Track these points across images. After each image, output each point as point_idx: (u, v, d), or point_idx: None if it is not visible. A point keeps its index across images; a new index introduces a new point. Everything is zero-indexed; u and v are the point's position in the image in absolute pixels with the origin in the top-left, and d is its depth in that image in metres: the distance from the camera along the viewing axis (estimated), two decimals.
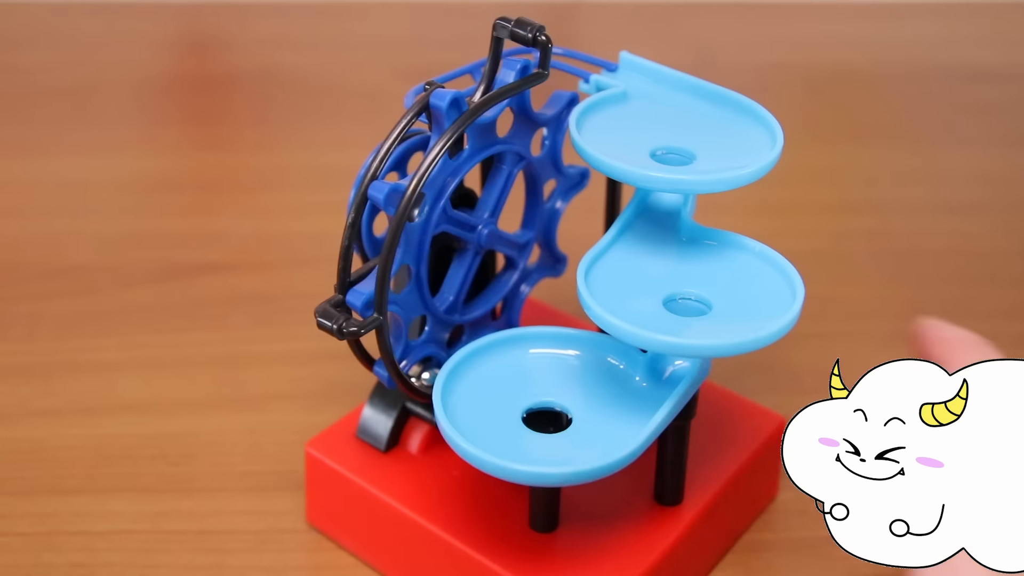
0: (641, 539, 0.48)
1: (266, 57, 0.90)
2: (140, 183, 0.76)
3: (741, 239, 0.47)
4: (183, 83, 0.89)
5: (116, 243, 0.70)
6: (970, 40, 0.95)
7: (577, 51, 0.51)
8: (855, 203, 0.76)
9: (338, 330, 0.45)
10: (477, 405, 0.46)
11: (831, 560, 0.52)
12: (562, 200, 0.53)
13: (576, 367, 0.48)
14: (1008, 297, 0.67)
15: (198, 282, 0.67)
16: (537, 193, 0.52)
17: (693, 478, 0.50)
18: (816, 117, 0.85)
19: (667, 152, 0.47)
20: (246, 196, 0.75)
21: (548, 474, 0.43)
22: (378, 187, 0.45)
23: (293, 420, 0.58)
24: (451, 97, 0.45)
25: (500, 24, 0.47)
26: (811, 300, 0.48)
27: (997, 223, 0.74)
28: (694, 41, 0.93)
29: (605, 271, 0.46)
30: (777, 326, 0.43)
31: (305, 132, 0.81)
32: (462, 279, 0.50)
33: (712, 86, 0.49)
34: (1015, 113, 0.84)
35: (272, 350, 0.63)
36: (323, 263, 0.56)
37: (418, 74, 0.56)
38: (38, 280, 0.68)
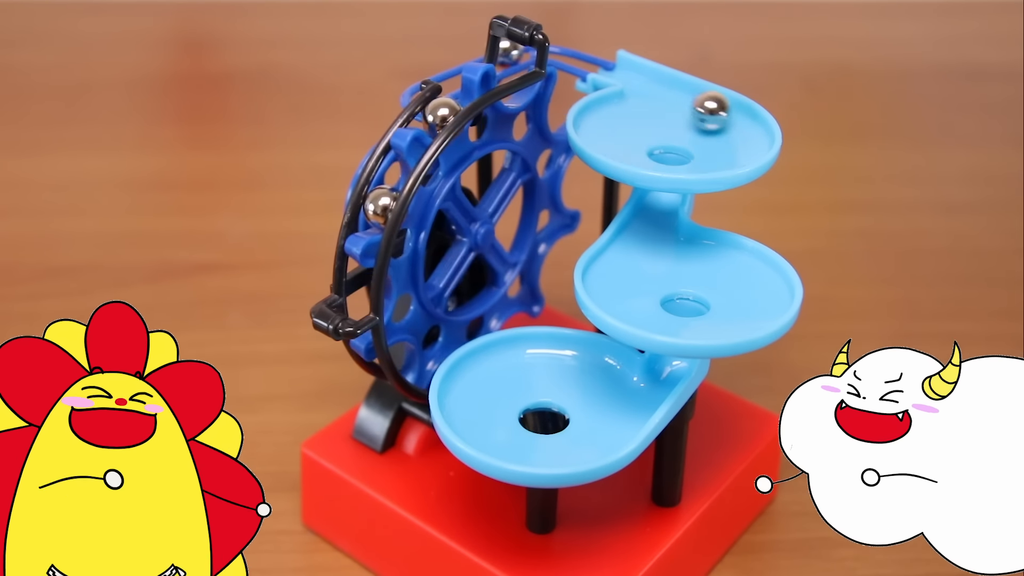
0: (639, 540, 0.48)
1: (261, 56, 0.90)
2: (135, 182, 0.76)
3: (739, 239, 0.47)
4: (178, 82, 0.89)
5: (111, 243, 0.70)
6: (968, 39, 0.95)
7: (574, 50, 0.51)
8: (853, 203, 0.76)
9: (334, 330, 0.45)
10: (474, 406, 0.46)
11: (830, 562, 0.52)
12: (546, 244, 0.53)
13: (573, 368, 0.48)
14: (1006, 297, 0.67)
15: (193, 282, 0.67)
16: (531, 215, 0.52)
17: (691, 479, 0.50)
18: (814, 116, 0.85)
19: (665, 151, 0.47)
20: (242, 195, 0.75)
21: (545, 475, 0.43)
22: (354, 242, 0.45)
23: (289, 420, 0.58)
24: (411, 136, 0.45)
25: (497, 23, 0.47)
26: (809, 300, 0.47)
27: (995, 223, 0.74)
28: (692, 40, 0.93)
29: (602, 271, 0.46)
30: (775, 326, 0.43)
31: (301, 131, 0.81)
32: (452, 271, 0.50)
33: (710, 85, 0.49)
34: (1013, 112, 0.84)
35: (268, 350, 0.62)
36: (319, 263, 0.56)
37: (414, 73, 0.56)
38: (33, 280, 0.67)
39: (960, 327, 0.65)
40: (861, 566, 0.52)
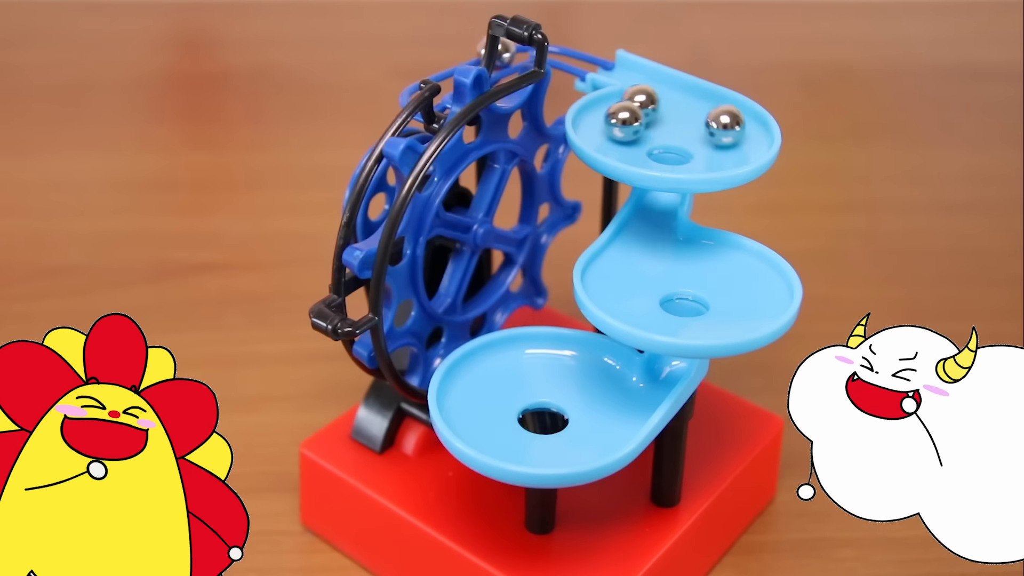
0: (638, 541, 0.48)
1: (260, 55, 0.90)
2: (134, 182, 0.76)
3: (738, 239, 0.47)
4: (177, 82, 0.89)
5: (109, 243, 0.70)
6: (968, 38, 0.95)
7: (573, 49, 0.51)
8: (852, 202, 0.76)
9: (333, 331, 0.44)
10: (473, 406, 0.46)
11: (829, 562, 0.52)
12: (548, 234, 0.53)
13: (572, 368, 0.48)
14: (1005, 297, 0.67)
15: (192, 282, 0.67)
16: (533, 187, 0.51)
17: (690, 479, 0.50)
18: (813, 116, 0.85)
19: (664, 151, 0.47)
20: (240, 195, 0.75)
21: (544, 475, 0.43)
22: (351, 253, 0.45)
23: (287, 421, 0.58)
24: (404, 145, 0.45)
25: (496, 22, 0.46)
26: (809, 300, 0.47)
27: (994, 222, 0.74)
28: (691, 39, 0.93)
29: (601, 271, 0.46)
30: (775, 326, 0.43)
31: (300, 131, 0.81)
32: (460, 280, 0.50)
33: (709, 84, 0.49)
34: (1013, 112, 0.84)
35: (266, 350, 0.62)
36: (318, 263, 0.56)
37: (413, 72, 0.56)
38: (31, 280, 0.67)
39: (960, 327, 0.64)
40: (861, 566, 0.52)
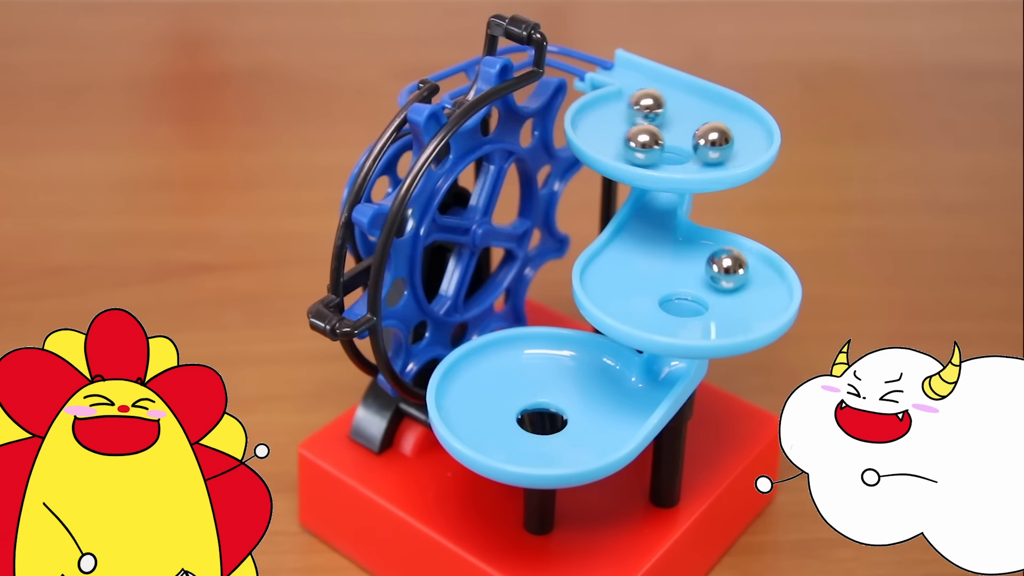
0: (637, 541, 0.48)
1: (258, 55, 0.90)
2: (131, 182, 0.76)
3: (738, 239, 0.47)
4: (174, 81, 0.88)
5: (107, 243, 0.70)
6: (967, 38, 0.95)
7: (572, 49, 0.51)
8: (852, 202, 0.76)
9: (331, 331, 0.44)
10: (471, 406, 0.46)
11: (829, 562, 0.52)
12: (560, 182, 0.53)
13: (571, 368, 0.48)
14: (1005, 297, 0.67)
15: (190, 282, 0.67)
16: (531, 183, 0.51)
17: (689, 480, 0.50)
18: (813, 116, 0.84)
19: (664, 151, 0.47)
20: (238, 195, 0.75)
21: (543, 476, 0.43)
22: (362, 211, 0.44)
23: (286, 421, 0.58)
24: (429, 112, 0.45)
25: (494, 22, 0.46)
26: (808, 300, 0.47)
27: (994, 222, 0.74)
28: (690, 39, 0.93)
29: (600, 271, 0.46)
30: (774, 326, 0.43)
31: (298, 130, 0.81)
32: (460, 280, 0.50)
33: (708, 84, 0.49)
34: (1013, 112, 0.84)
35: (265, 350, 0.62)
36: (316, 263, 0.56)
37: (411, 72, 0.56)
38: (28, 280, 0.67)
39: (960, 327, 0.65)
40: (860, 567, 0.52)
